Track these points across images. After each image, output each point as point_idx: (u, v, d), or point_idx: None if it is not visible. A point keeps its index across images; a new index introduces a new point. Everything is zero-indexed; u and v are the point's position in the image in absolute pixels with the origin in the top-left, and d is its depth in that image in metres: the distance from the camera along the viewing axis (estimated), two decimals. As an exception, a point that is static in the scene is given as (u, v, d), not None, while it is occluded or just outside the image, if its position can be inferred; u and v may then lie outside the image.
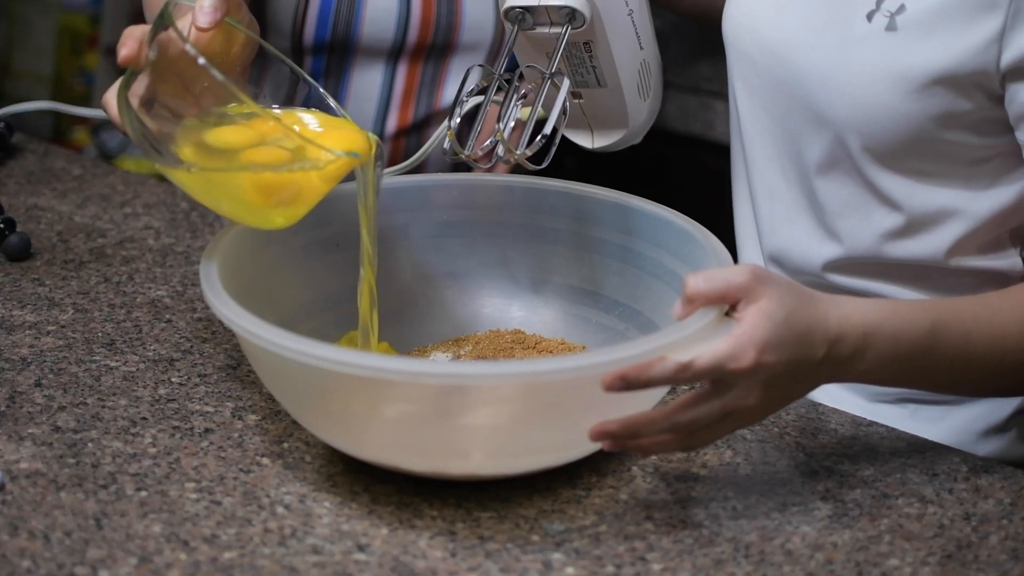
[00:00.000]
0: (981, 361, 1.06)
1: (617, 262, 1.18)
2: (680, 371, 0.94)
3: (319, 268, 1.18)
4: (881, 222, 1.21)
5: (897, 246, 1.21)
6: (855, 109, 1.17)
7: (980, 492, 1.05)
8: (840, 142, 1.19)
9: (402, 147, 1.58)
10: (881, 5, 1.15)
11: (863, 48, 1.16)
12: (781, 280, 0.99)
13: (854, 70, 1.17)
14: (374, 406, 0.99)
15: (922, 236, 1.20)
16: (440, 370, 0.97)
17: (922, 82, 1.14)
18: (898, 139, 1.16)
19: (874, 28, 1.16)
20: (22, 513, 0.99)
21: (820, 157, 1.21)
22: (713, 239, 1.09)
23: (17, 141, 1.65)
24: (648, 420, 0.96)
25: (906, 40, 1.14)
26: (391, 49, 1.54)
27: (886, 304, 1.03)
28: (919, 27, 1.14)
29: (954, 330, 1.05)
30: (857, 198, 1.21)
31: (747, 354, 0.95)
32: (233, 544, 0.97)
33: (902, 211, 1.20)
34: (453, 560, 0.96)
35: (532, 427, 0.99)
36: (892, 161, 1.18)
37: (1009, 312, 1.07)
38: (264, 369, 1.05)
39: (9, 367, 1.18)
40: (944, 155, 1.17)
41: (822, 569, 0.96)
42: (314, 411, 1.03)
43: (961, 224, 1.19)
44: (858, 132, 1.17)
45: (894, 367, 1.03)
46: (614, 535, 0.99)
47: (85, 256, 1.38)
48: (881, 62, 1.15)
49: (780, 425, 1.13)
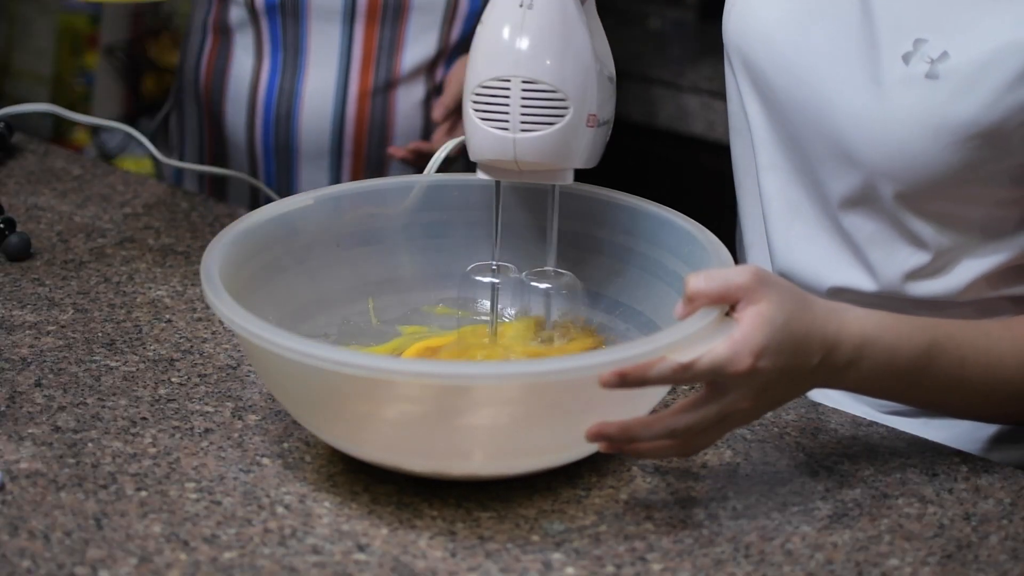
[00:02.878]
0: (974, 387, 1.06)
1: (618, 262, 1.18)
2: (679, 372, 0.94)
3: (320, 268, 1.18)
4: (907, 259, 1.17)
5: (920, 285, 1.17)
6: (891, 155, 1.12)
7: (980, 492, 1.05)
8: (870, 184, 1.15)
9: (367, 111, 1.62)
10: (919, 49, 1.11)
11: (901, 93, 1.11)
12: (782, 283, 0.98)
13: (891, 115, 1.12)
14: (375, 407, 0.99)
15: (944, 275, 1.17)
16: (442, 370, 0.97)
17: (965, 134, 1.10)
18: (933, 186, 1.12)
19: (913, 73, 1.11)
20: (22, 513, 0.99)
21: (845, 193, 1.17)
22: (714, 240, 1.09)
23: (17, 141, 1.65)
24: (645, 424, 0.96)
25: (949, 90, 1.10)
26: (344, 10, 1.58)
27: (886, 317, 1.03)
28: (964, 78, 1.09)
29: (950, 353, 1.04)
30: (883, 234, 1.17)
31: (744, 359, 0.95)
32: (233, 544, 0.97)
33: (928, 249, 1.16)
34: (453, 560, 0.96)
35: (533, 427, 0.99)
36: (923, 204, 1.14)
37: (1008, 343, 1.06)
38: (264, 369, 1.05)
39: (9, 367, 1.17)
40: (975, 199, 1.14)
41: (822, 569, 0.96)
42: (314, 411, 1.03)
43: (983, 263, 1.16)
44: (893, 178, 1.13)
45: (887, 380, 1.03)
46: (614, 535, 0.99)
47: (85, 256, 1.38)
48: (921, 110, 1.11)
49: (780, 425, 1.13)
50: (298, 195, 1.18)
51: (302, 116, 1.69)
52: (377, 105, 1.69)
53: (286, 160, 1.71)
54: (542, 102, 1.05)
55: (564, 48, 1.06)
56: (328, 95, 1.69)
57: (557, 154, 1.07)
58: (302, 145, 1.70)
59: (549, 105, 1.05)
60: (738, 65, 1.24)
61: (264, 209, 1.16)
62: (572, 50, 1.06)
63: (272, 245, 1.14)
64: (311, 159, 1.71)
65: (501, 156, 1.07)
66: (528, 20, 1.05)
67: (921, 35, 1.11)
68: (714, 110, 2.16)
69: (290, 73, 1.69)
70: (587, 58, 1.07)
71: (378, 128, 1.70)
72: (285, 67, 1.70)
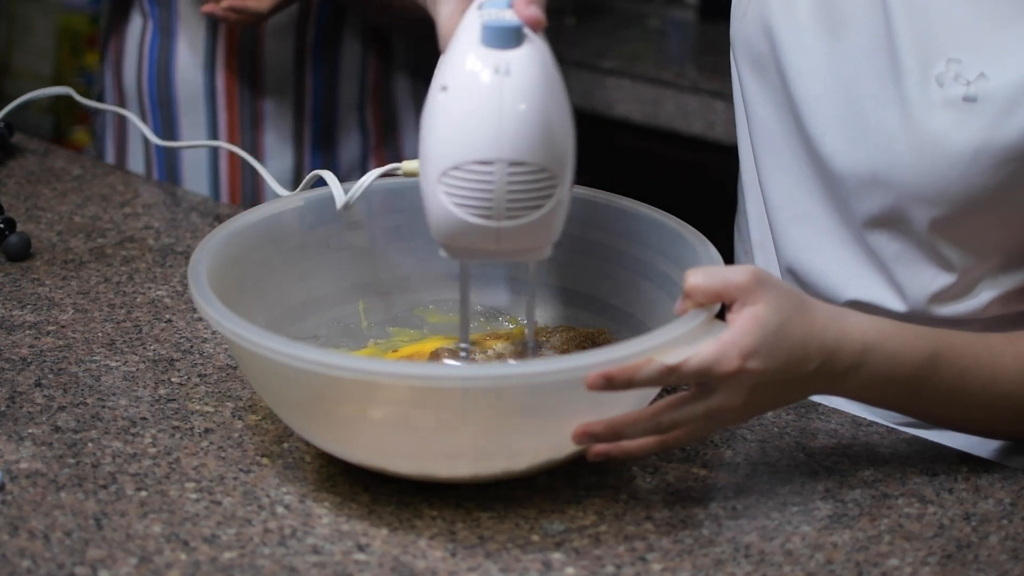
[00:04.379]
0: (975, 400, 1.05)
1: (609, 264, 1.17)
2: (666, 374, 0.94)
3: (311, 269, 1.18)
4: (933, 281, 1.15)
5: (945, 307, 1.16)
6: (925, 179, 1.10)
7: (980, 492, 1.05)
8: (900, 207, 1.12)
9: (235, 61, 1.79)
10: (953, 69, 1.08)
11: (938, 116, 1.09)
12: (781, 286, 0.98)
13: (927, 138, 1.09)
14: (362, 409, 0.99)
15: (967, 296, 1.15)
16: (428, 372, 0.97)
17: (1006, 158, 1.07)
18: (967, 210, 1.10)
19: (950, 95, 1.08)
20: (22, 513, 0.99)
21: (872, 213, 1.14)
22: (706, 242, 1.08)
23: (17, 141, 1.65)
24: (632, 420, 0.96)
25: (989, 113, 1.07)
26: None
27: (888, 325, 1.02)
28: (1005, 100, 1.07)
29: (953, 365, 1.04)
30: (909, 254, 1.15)
31: (732, 360, 0.94)
32: (233, 544, 0.97)
33: (955, 271, 1.14)
34: (453, 560, 0.96)
35: (521, 430, 0.99)
36: (954, 228, 1.12)
37: (1011, 359, 1.06)
38: (250, 371, 1.05)
39: (9, 367, 1.17)
40: (1005, 222, 1.11)
41: (822, 569, 0.96)
42: (298, 413, 1.03)
43: (1004, 282, 1.15)
44: (927, 202, 1.10)
45: (887, 389, 1.03)
46: (614, 535, 0.99)
47: (85, 256, 1.38)
48: (958, 133, 1.08)
49: (780, 425, 1.13)
50: (288, 196, 1.18)
51: (177, 74, 1.83)
52: (245, 55, 1.81)
53: (168, 112, 1.84)
54: (530, 184, 0.94)
55: (549, 118, 0.93)
56: (197, 58, 1.82)
57: (544, 234, 0.97)
58: (180, 99, 1.84)
59: (537, 187, 0.94)
60: (749, 67, 1.22)
61: (254, 210, 1.15)
62: (556, 116, 0.94)
63: (262, 246, 1.14)
64: (189, 112, 1.84)
65: (478, 244, 0.95)
66: (508, 90, 0.91)
67: (953, 55, 1.09)
68: (714, 110, 2.16)
69: (165, 32, 1.83)
70: (569, 120, 0.96)
71: (248, 76, 1.82)
72: (160, 26, 1.83)
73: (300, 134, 1.85)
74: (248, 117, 1.84)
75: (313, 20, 1.81)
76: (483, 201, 0.93)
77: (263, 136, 1.84)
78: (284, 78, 1.83)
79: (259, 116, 1.84)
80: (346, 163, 1.88)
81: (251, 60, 1.81)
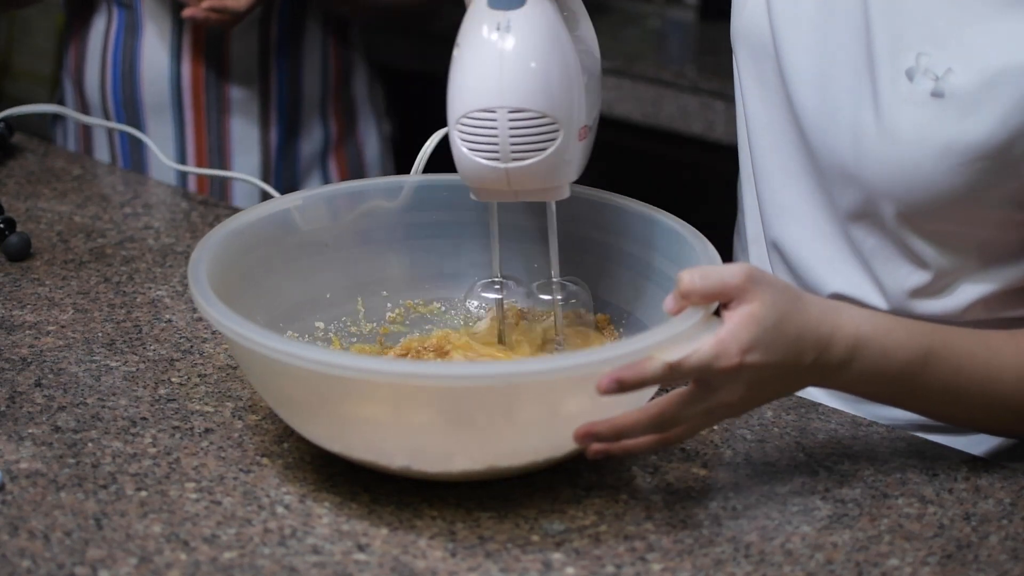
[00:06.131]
0: (971, 398, 1.05)
1: (607, 262, 1.18)
2: (668, 371, 0.94)
3: (310, 268, 1.18)
4: (908, 277, 1.15)
5: (924, 304, 1.15)
6: (892, 174, 1.09)
7: (980, 492, 1.05)
8: (871, 201, 1.12)
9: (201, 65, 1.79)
10: (923, 63, 1.07)
11: (906, 111, 1.08)
12: (776, 283, 0.98)
13: (894, 134, 1.09)
14: (362, 407, 0.99)
15: (945, 295, 1.15)
16: (428, 371, 0.97)
17: (972, 156, 1.06)
18: (935, 206, 1.09)
19: (919, 90, 1.07)
20: (22, 513, 0.99)
21: (849, 207, 1.15)
22: (704, 241, 1.09)
23: (17, 141, 1.65)
24: (634, 421, 0.96)
25: (955, 109, 1.06)
26: None
27: (883, 320, 1.03)
28: (970, 96, 1.06)
29: (947, 361, 1.04)
30: (886, 250, 1.15)
31: (731, 355, 0.95)
32: (233, 544, 0.97)
33: (929, 269, 1.14)
34: (453, 560, 0.96)
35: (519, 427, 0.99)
36: (924, 224, 1.11)
37: (1011, 357, 1.06)
38: (250, 369, 1.05)
39: (9, 367, 1.18)
40: (976, 221, 1.11)
41: (822, 569, 0.96)
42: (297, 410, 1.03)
43: (982, 287, 1.14)
44: (894, 198, 1.10)
45: (880, 382, 1.03)
46: (614, 535, 0.99)
47: (85, 256, 1.38)
48: (926, 130, 1.07)
49: (780, 425, 1.13)
50: (288, 195, 1.18)
51: (143, 70, 1.82)
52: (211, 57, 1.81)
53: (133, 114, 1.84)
54: (531, 129, 1.01)
55: (548, 68, 1.01)
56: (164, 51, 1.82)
57: (552, 176, 1.04)
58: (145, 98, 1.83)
59: (539, 131, 1.02)
60: (747, 59, 1.22)
61: (254, 209, 1.15)
62: (556, 67, 1.02)
63: (262, 245, 1.14)
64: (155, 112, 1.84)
65: (494, 184, 1.04)
66: (508, 44, 1.00)
67: (923, 48, 1.08)
68: (714, 110, 2.16)
69: (131, 30, 1.82)
70: (573, 71, 1.03)
71: (215, 72, 1.82)
72: (126, 24, 1.83)
73: (266, 126, 1.86)
74: (215, 113, 1.84)
75: (275, 15, 1.82)
76: (490, 145, 1.02)
77: (229, 129, 1.85)
78: (250, 72, 1.83)
79: (225, 110, 1.84)
80: (307, 158, 1.90)
81: (217, 56, 1.81)
